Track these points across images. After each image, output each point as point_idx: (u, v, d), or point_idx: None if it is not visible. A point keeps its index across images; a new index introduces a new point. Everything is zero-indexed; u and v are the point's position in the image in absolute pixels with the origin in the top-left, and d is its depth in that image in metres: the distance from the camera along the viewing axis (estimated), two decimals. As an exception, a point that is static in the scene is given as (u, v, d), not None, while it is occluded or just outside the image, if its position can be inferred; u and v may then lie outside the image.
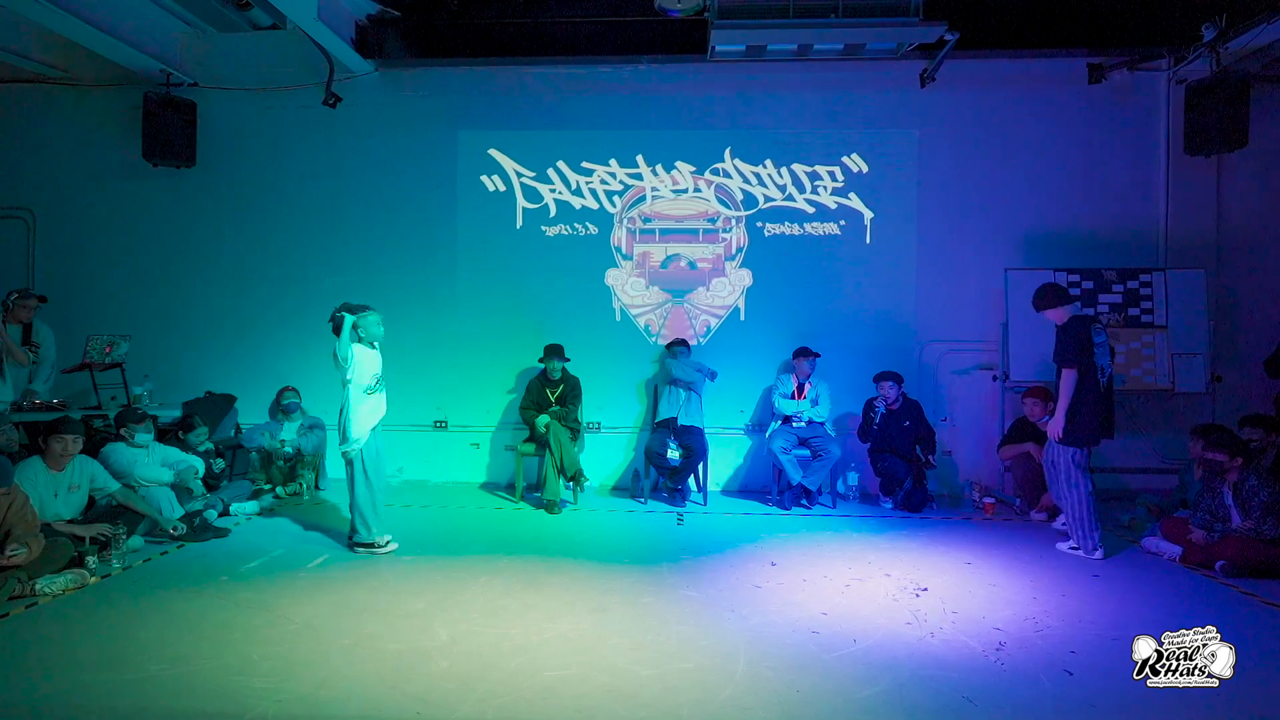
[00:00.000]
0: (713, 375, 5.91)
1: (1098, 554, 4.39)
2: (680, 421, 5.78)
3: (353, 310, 4.39)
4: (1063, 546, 4.59)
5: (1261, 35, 5.26)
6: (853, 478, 6.04)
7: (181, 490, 4.86)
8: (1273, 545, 4.09)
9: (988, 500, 5.55)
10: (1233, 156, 5.87)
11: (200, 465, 5.06)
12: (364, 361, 4.35)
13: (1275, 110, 5.95)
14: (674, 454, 5.69)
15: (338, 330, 4.36)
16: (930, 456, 5.67)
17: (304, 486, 5.83)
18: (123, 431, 4.80)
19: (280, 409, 5.98)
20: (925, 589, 3.88)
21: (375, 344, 4.46)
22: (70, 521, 4.18)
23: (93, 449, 4.66)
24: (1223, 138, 5.54)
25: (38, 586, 3.62)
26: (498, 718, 2.57)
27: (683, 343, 6.07)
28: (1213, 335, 5.80)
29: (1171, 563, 4.37)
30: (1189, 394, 5.73)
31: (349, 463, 4.42)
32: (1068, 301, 4.46)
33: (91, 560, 3.94)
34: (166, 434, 5.32)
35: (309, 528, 4.97)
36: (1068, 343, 4.29)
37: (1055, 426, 4.36)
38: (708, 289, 6.44)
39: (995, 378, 6.11)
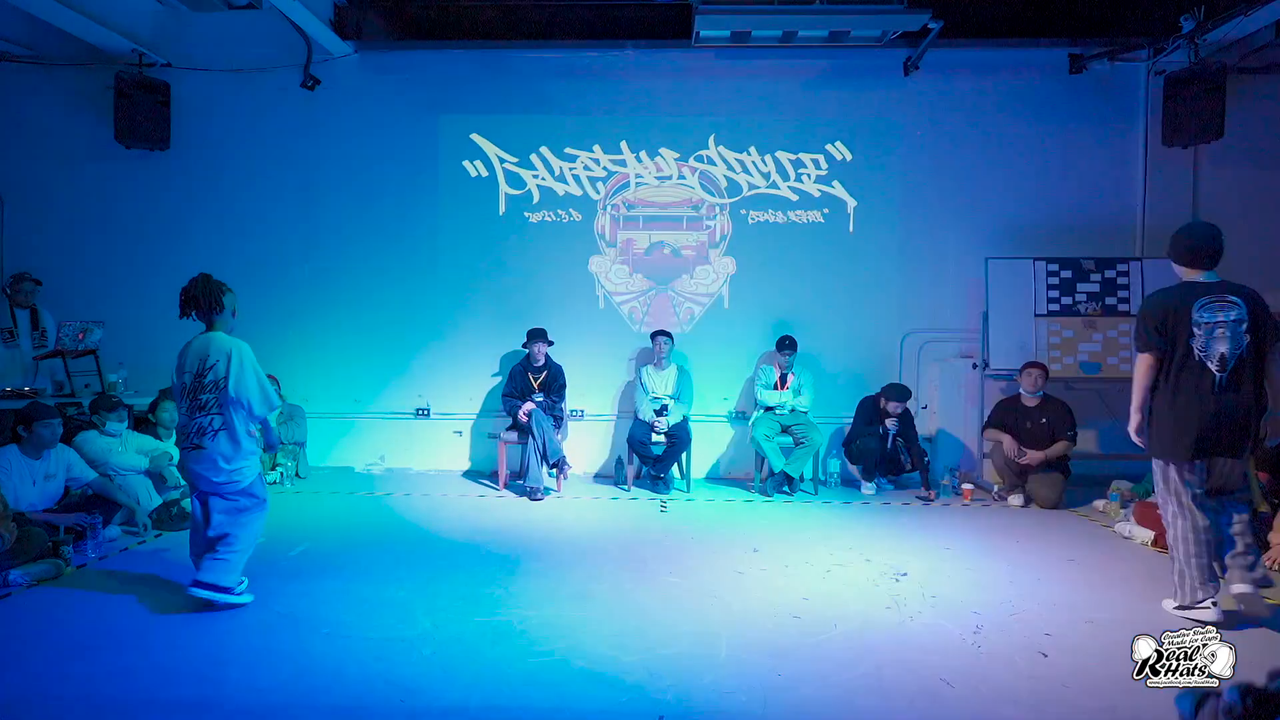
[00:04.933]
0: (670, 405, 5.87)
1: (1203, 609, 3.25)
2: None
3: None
4: (1167, 605, 3.43)
5: (1239, 27, 5.31)
6: (834, 464, 6.09)
7: (158, 478, 4.79)
8: (1241, 529, 4.18)
9: (966, 486, 5.63)
10: (1209, 148, 5.93)
11: (176, 452, 4.98)
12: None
13: (1251, 102, 6.02)
14: (658, 441, 5.70)
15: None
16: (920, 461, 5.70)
17: (283, 475, 5.77)
18: (94, 419, 4.72)
19: (259, 397, 5.89)
20: (905, 574, 3.93)
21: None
22: (45, 511, 4.12)
23: (66, 437, 4.57)
24: (1200, 129, 5.60)
25: (12, 577, 3.57)
26: (481, 705, 2.57)
27: (666, 334, 6.04)
28: (1187, 324, 5.88)
29: (1144, 547, 4.46)
30: (1163, 382, 5.82)
31: None
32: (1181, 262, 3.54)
33: (67, 550, 3.87)
34: (142, 423, 5.24)
35: (288, 516, 4.93)
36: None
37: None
38: (691, 276, 6.43)
39: (975, 366, 6.18)
